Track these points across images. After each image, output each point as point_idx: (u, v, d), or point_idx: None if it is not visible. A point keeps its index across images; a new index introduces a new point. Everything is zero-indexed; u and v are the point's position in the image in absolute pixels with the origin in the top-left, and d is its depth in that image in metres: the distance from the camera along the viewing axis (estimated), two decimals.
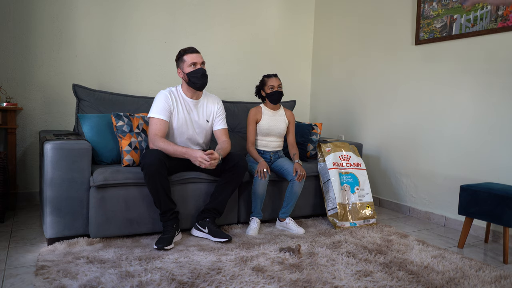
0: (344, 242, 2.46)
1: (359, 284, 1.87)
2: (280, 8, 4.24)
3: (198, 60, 2.51)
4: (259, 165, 2.66)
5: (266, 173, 2.63)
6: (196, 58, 2.50)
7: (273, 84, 2.86)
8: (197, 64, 2.50)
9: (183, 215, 2.53)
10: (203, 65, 2.53)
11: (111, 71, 3.43)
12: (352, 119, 3.92)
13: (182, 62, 2.53)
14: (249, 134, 2.87)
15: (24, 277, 1.86)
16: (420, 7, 3.21)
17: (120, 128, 2.57)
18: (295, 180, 2.69)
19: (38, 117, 3.20)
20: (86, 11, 3.30)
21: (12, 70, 3.09)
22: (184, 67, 2.52)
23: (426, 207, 3.22)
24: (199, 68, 2.50)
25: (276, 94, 2.86)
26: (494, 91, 2.74)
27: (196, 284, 1.80)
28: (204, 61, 2.55)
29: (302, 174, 2.68)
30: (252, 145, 2.86)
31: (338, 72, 4.11)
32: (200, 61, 2.52)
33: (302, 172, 2.69)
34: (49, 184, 2.23)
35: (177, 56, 2.56)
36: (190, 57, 2.50)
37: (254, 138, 2.87)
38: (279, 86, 2.87)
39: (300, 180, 2.69)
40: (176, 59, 2.57)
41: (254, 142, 2.88)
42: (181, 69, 2.54)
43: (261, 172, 2.61)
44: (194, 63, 2.49)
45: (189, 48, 2.53)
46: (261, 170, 2.62)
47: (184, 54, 2.52)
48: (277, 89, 2.86)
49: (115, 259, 2.05)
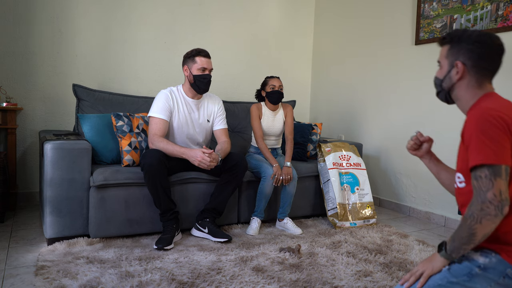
0: (344, 242, 2.46)
1: (359, 284, 1.87)
2: (280, 8, 4.24)
3: (209, 66, 2.51)
4: (276, 170, 2.66)
5: (281, 181, 2.65)
6: (207, 63, 2.50)
7: (274, 84, 2.87)
8: (207, 70, 2.50)
9: (183, 215, 2.53)
10: (210, 72, 2.54)
11: (111, 71, 3.43)
12: (352, 119, 3.92)
13: (193, 62, 2.50)
14: (256, 129, 2.87)
15: (24, 277, 1.86)
16: (420, 7, 3.21)
17: (120, 128, 2.57)
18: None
19: (38, 117, 3.20)
20: (86, 11, 3.30)
21: (12, 70, 3.09)
22: (193, 68, 2.49)
23: (426, 207, 3.22)
24: (207, 74, 2.50)
25: (275, 93, 2.86)
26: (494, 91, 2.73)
27: (196, 284, 1.80)
28: (212, 68, 2.55)
29: (279, 178, 2.66)
30: (263, 140, 2.87)
31: (338, 72, 4.11)
32: (210, 68, 2.52)
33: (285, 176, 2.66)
34: (49, 184, 2.23)
35: (189, 54, 2.52)
36: (203, 61, 2.49)
37: (261, 132, 2.87)
38: (280, 87, 2.88)
39: (276, 184, 2.66)
40: (187, 56, 2.53)
41: (262, 136, 2.88)
42: (189, 68, 2.51)
43: (277, 180, 2.64)
44: (204, 68, 2.49)
45: (203, 51, 2.51)
46: (278, 177, 2.64)
47: (197, 56, 2.49)
48: (278, 89, 2.87)
49: (115, 259, 2.05)
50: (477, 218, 1.04)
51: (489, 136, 1.05)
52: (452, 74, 1.23)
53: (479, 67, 1.20)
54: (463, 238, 1.08)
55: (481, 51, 1.18)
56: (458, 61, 1.21)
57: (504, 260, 1.10)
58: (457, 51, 1.22)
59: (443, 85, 1.28)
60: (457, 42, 1.22)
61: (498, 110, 1.08)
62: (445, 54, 1.25)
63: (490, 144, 1.04)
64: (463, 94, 1.24)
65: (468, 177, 1.15)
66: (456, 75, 1.22)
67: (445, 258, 1.14)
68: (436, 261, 1.16)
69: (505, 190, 1.03)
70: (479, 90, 1.22)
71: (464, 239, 1.08)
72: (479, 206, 1.04)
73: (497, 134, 1.05)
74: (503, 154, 1.04)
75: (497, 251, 1.11)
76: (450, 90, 1.27)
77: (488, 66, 1.20)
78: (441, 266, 1.15)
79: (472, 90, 1.22)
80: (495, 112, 1.07)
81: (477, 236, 1.05)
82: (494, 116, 1.06)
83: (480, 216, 1.03)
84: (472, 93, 1.22)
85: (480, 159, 1.05)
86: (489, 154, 1.04)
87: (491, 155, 1.04)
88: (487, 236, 1.06)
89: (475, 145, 1.07)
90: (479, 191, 1.05)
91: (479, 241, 1.06)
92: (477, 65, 1.20)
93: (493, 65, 1.21)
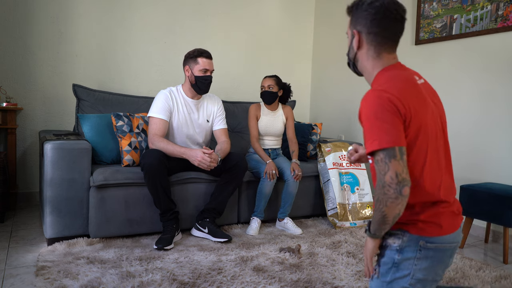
0: (344, 242, 2.46)
1: (359, 284, 1.87)
2: (280, 8, 4.23)
3: (210, 67, 2.51)
4: (268, 166, 2.66)
5: (274, 175, 2.65)
6: (209, 65, 2.50)
7: (263, 84, 2.87)
8: (208, 71, 2.50)
9: (183, 215, 2.53)
10: (212, 73, 2.54)
11: (111, 71, 3.43)
12: (352, 119, 3.92)
13: (194, 62, 2.49)
14: (252, 129, 2.88)
15: (24, 277, 1.86)
16: (420, 7, 3.21)
17: (120, 128, 2.57)
18: (290, 180, 2.70)
19: (38, 117, 3.20)
20: (86, 11, 3.30)
21: (12, 70, 3.09)
22: (194, 69, 2.49)
23: None
24: (208, 75, 2.51)
25: (265, 94, 2.86)
26: (494, 91, 2.74)
27: (198, 284, 1.80)
28: (214, 69, 2.56)
29: (299, 174, 2.71)
30: (257, 141, 2.87)
31: (338, 72, 4.11)
32: (212, 69, 2.52)
33: (299, 172, 2.72)
34: (49, 184, 2.23)
35: (191, 54, 2.51)
36: (205, 62, 2.49)
37: (257, 133, 2.88)
38: (269, 87, 2.85)
39: (297, 180, 2.71)
40: (188, 56, 2.52)
41: (258, 137, 2.89)
42: (191, 69, 2.51)
43: (270, 174, 2.63)
44: (206, 69, 2.49)
45: (205, 52, 2.51)
46: (270, 171, 2.64)
47: (199, 56, 2.49)
48: (267, 89, 2.85)
49: (116, 259, 2.05)
50: (382, 201, 1.05)
51: (380, 119, 1.05)
52: (353, 43, 1.22)
53: (373, 34, 1.17)
54: (378, 220, 1.09)
55: (373, 17, 1.16)
56: (355, 30, 1.20)
57: (413, 234, 1.12)
58: (356, 19, 1.20)
59: (349, 56, 1.26)
60: (356, 10, 1.20)
61: (389, 91, 1.07)
62: (349, 24, 1.24)
63: (382, 127, 1.04)
64: (365, 65, 1.22)
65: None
66: (355, 44, 1.21)
67: (372, 238, 1.16)
68: (368, 243, 1.18)
69: (401, 171, 1.02)
70: (378, 60, 1.19)
71: (380, 221, 1.09)
72: (381, 190, 1.05)
73: (387, 116, 1.05)
74: (395, 136, 1.04)
75: (404, 229, 1.14)
76: (355, 61, 1.25)
77: (382, 32, 1.16)
78: (373, 247, 1.17)
79: (372, 60, 1.20)
80: (385, 94, 1.07)
81: (389, 217, 1.06)
82: (384, 98, 1.06)
83: (384, 199, 1.04)
84: (372, 63, 1.20)
85: (374, 145, 1.05)
86: (381, 138, 1.04)
87: (383, 139, 1.03)
88: (399, 215, 1.06)
89: (369, 130, 1.07)
90: (379, 175, 1.05)
91: (393, 221, 1.08)
92: (371, 32, 1.17)
93: (389, 31, 1.17)
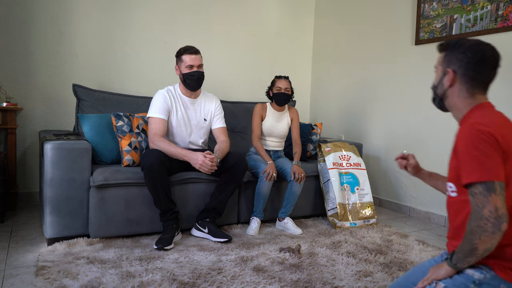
0: (344, 242, 2.46)
1: (359, 284, 1.87)
2: (280, 8, 4.23)
3: (195, 63, 2.48)
4: (268, 166, 2.65)
5: (273, 177, 2.64)
6: (193, 60, 2.48)
7: (280, 85, 2.86)
8: (194, 67, 2.49)
9: (183, 215, 2.53)
10: (200, 68, 2.52)
11: (111, 71, 3.43)
12: (352, 119, 3.92)
13: (180, 61, 2.51)
14: (255, 128, 2.87)
15: (24, 277, 1.86)
16: (420, 7, 3.21)
17: (120, 128, 2.57)
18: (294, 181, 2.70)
19: (38, 117, 3.20)
20: (86, 11, 3.30)
21: (12, 70, 3.09)
22: (181, 67, 2.51)
23: (426, 207, 3.22)
24: (195, 71, 2.49)
25: (280, 96, 2.86)
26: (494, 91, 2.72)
27: (198, 284, 1.80)
28: (201, 63, 2.53)
29: (300, 176, 2.68)
30: (259, 140, 2.86)
31: (338, 72, 4.11)
32: (197, 64, 2.49)
33: (301, 174, 2.68)
34: (49, 184, 2.23)
35: (177, 53, 2.54)
36: (189, 58, 2.48)
37: (259, 132, 2.87)
38: (286, 89, 2.86)
39: (299, 183, 2.69)
40: (176, 55, 2.56)
41: (259, 136, 2.88)
42: (179, 67, 2.53)
43: (268, 175, 2.62)
44: (191, 65, 2.48)
45: (189, 48, 2.51)
46: (269, 172, 2.62)
47: (184, 54, 2.50)
48: (284, 91, 2.86)
49: (116, 259, 2.05)
50: (476, 234, 1.04)
51: (481, 152, 1.06)
52: (444, 81, 1.25)
53: (469, 76, 1.20)
54: (466, 252, 1.09)
55: (471, 60, 1.19)
56: (449, 69, 1.23)
57: (498, 275, 1.11)
58: (450, 58, 1.24)
59: (437, 92, 1.30)
60: (451, 49, 1.23)
61: (488, 125, 1.09)
62: (441, 61, 1.27)
63: (483, 160, 1.05)
64: (455, 102, 1.25)
65: (460, 187, 1.16)
66: (447, 82, 1.24)
67: (451, 267, 1.15)
68: (442, 269, 1.17)
69: (501, 206, 1.03)
70: (470, 99, 1.22)
71: (467, 253, 1.09)
72: (477, 222, 1.04)
73: (488, 150, 1.06)
74: (495, 170, 1.05)
75: (491, 267, 1.12)
76: (443, 97, 1.28)
77: (478, 76, 1.20)
78: (445, 275, 1.16)
79: (464, 99, 1.23)
80: (485, 128, 1.08)
81: (479, 250, 1.06)
82: (484, 132, 1.07)
83: (479, 232, 1.04)
84: (464, 102, 1.23)
85: (473, 176, 1.05)
86: (482, 170, 1.05)
87: (484, 171, 1.04)
88: (490, 250, 1.06)
89: (468, 161, 1.08)
90: (475, 208, 1.05)
91: (481, 255, 1.07)
92: (467, 74, 1.20)
93: (484, 75, 1.21)
